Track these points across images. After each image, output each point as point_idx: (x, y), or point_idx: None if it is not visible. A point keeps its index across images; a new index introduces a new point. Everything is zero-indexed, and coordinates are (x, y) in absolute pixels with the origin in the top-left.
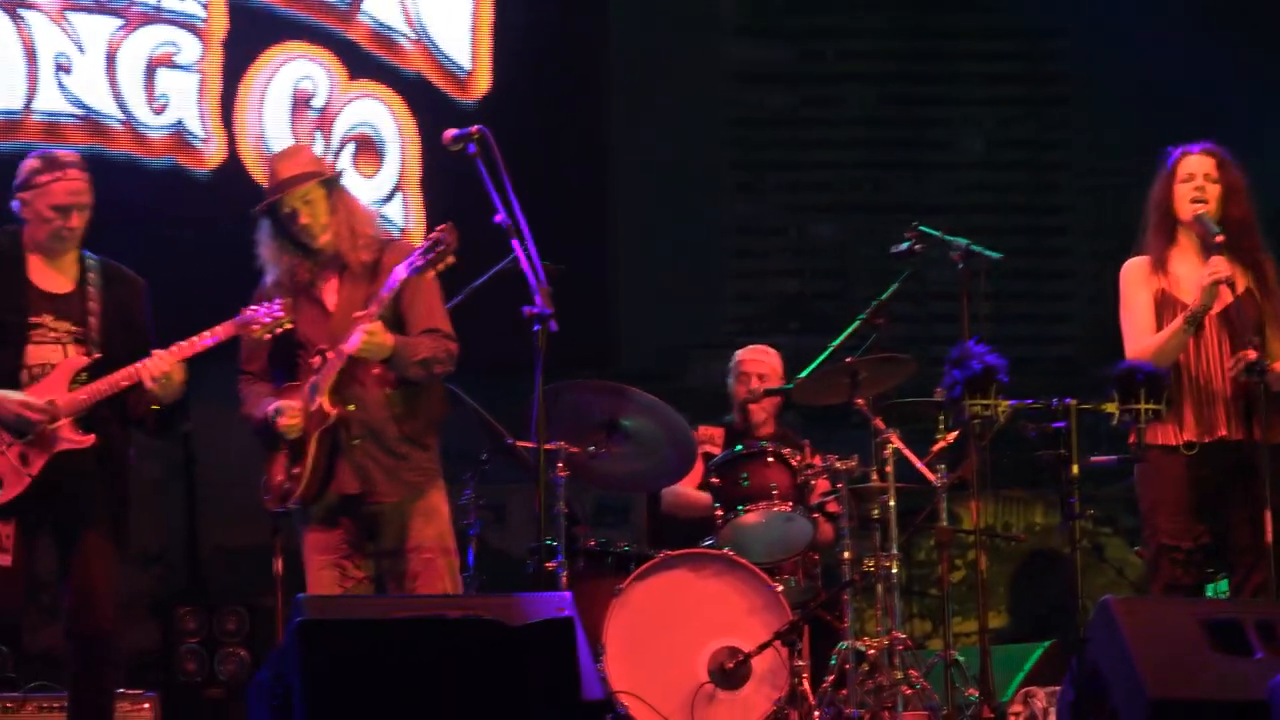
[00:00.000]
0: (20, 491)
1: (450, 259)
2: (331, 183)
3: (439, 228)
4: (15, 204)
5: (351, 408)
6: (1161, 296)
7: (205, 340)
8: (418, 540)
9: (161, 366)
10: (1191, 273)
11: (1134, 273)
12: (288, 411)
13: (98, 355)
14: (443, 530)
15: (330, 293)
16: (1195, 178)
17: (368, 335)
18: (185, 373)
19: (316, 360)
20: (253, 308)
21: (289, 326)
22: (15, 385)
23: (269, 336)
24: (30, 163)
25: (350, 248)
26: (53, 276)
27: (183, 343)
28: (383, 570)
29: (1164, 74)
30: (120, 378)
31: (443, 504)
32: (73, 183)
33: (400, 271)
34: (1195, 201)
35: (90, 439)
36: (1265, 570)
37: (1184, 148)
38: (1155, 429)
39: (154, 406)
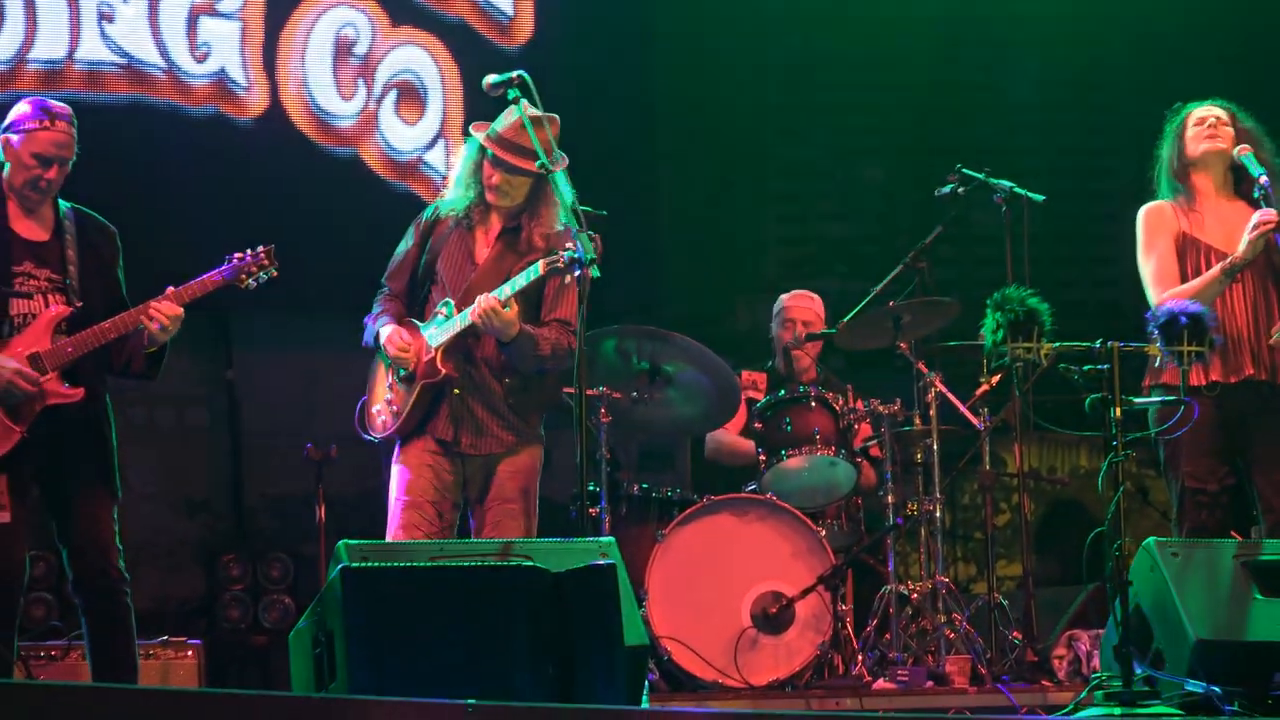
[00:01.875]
0: (11, 447)
1: (591, 271)
2: (544, 179)
3: (593, 237)
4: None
5: (458, 391)
6: (1183, 239)
7: (200, 286)
8: (502, 492)
9: (175, 309)
10: (1214, 215)
11: (1154, 217)
12: (404, 343)
13: (79, 304)
14: (528, 486)
15: (484, 245)
16: (1207, 120)
17: (491, 312)
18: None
19: (443, 312)
20: (239, 255)
21: (275, 275)
22: None
23: (255, 285)
24: (22, 107)
25: (528, 226)
26: (31, 225)
27: (180, 288)
28: (469, 515)
29: (1214, 17)
30: (109, 328)
31: (535, 461)
32: (59, 135)
33: (539, 268)
34: (1208, 139)
35: (79, 392)
36: None
37: (1192, 104)
38: (1176, 371)
39: (149, 350)
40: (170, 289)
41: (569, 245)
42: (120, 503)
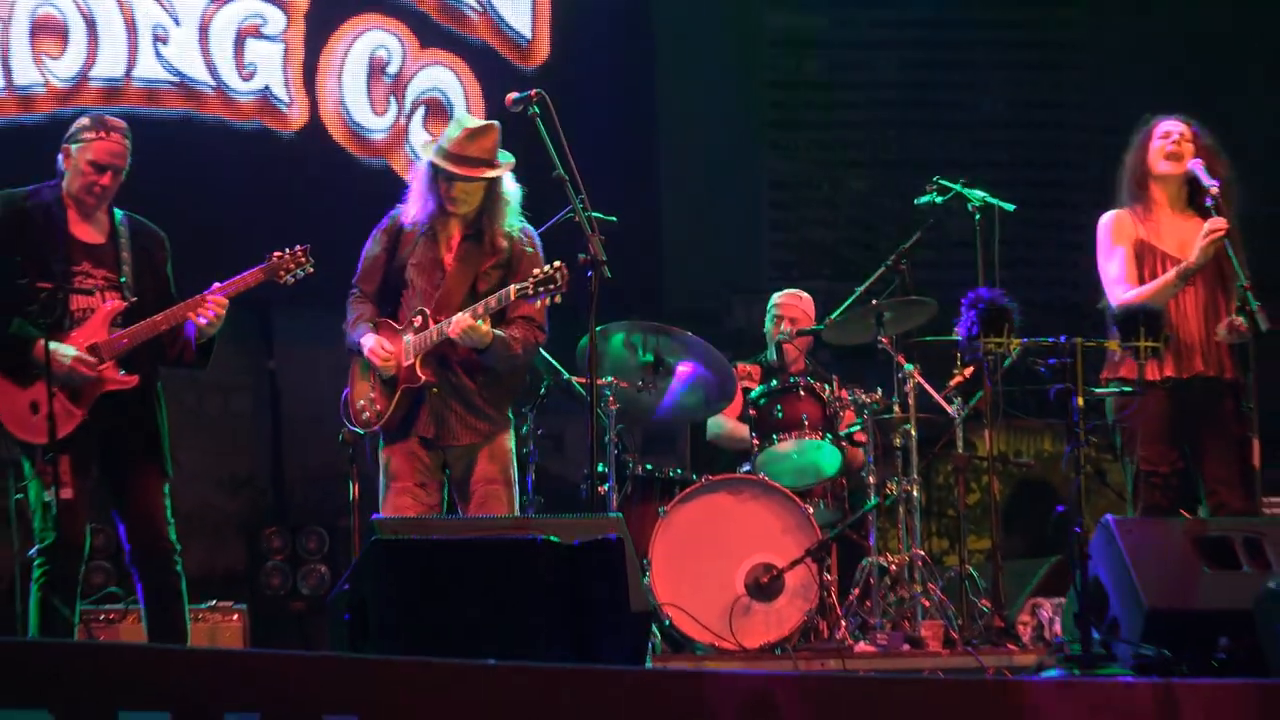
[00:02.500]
0: (72, 430)
1: (558, 299)
2: (498, 181)
3: (555, 266)
4: (60, 155)
5: (435, 390)
6: (1140, 246)
7: (242, 282)
8: (484, 473)
9: (221, 302)
10: (1170, 224)
11: (1114, 224)
12: (384, 350)
13: (133, 300)
14: (506, 465)
15: (451, 249)
16: (1171, 135)
17: (470, 330)
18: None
19: (419, 320)
20: (278, 253)
21: (311, 272)
22: (60, 328)
23: (293, 280)
24: (82, 120)
25: (489, 228)
26: (89, 229)
27: (225, 284)
28: (453, 497)
29: (1166, 41)
30: (161, 320)
31: (508, 443)
32: (114, 145)
33: (509, 293)
34: (1170, 156)
35: (134, 379)
36: (1238, 500)
37: (1161, 116)
38: (1133, 365)
39: (200, 342)
40: (216, 285)
41: (536, 272)
42: (171, 480)
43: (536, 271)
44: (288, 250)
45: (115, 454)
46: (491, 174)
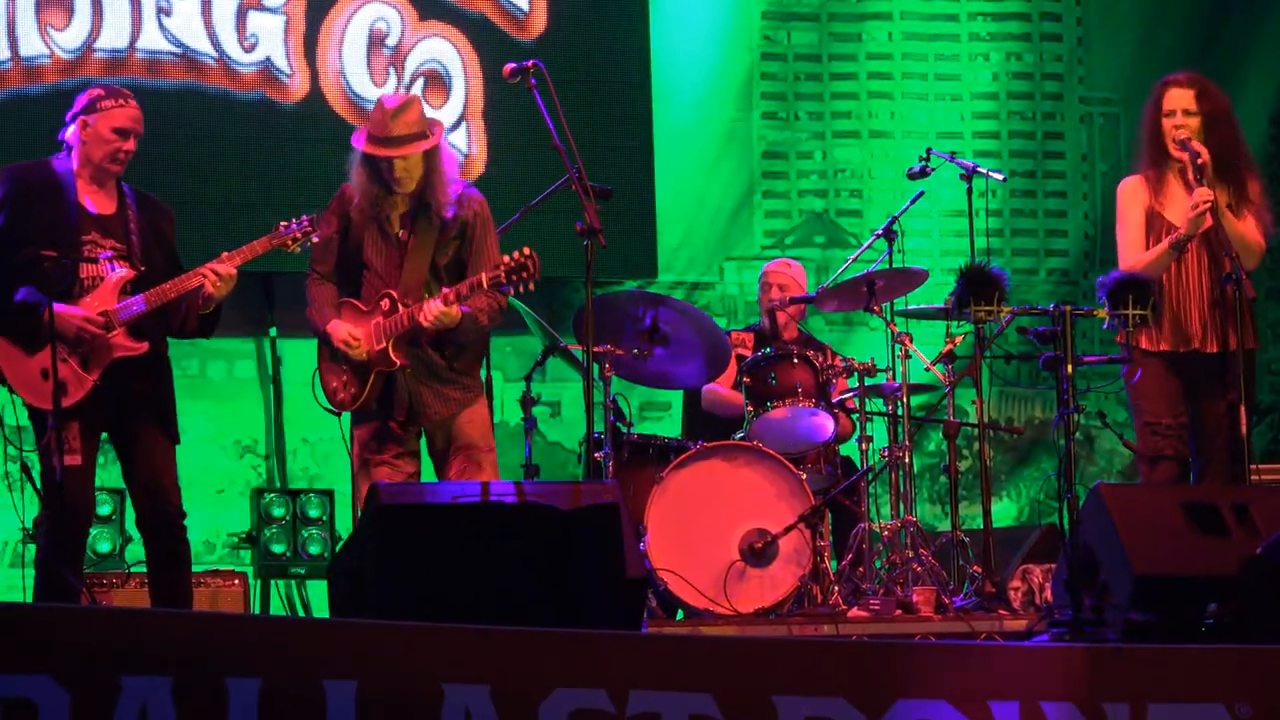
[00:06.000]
0: (82, 396)
1: (532, 286)
2: (433, 149)
3: (525, 253)
4: (73, 128)
5: (409, 371)
6: (1150, 213)
7: (249, 250)
8: (463, 441)
9: (229, 269)
10: (1179, 194)
11: (1128, 190)
12: (353, 339)
13: (142, 268)
14: (485, 431)
15: (404, 230)
16: (1176, 114)
17: (442, 315)
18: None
19: (386, 303)
20: (284, 223)
21: (315, 241)
22: (70, 296)
23: (300, 250)
24: (94, 90)
25: (435, 201)
26: (99, 199)
27: (232, 253)
28: (435, 467)
29: (1151, 12)
30: (169, 288)
31: (484, 409)
32: (133, 110)
33: (481, 280)
34: (1178, 128)
35: (144, 346)
36: (1226, 462)
37: (1167, 78)
38: (1140, 334)
39: (204, 311)
40: (224, 253)
41: (506, 259)
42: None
43: (506, 259)
44: (294, 220)
45: (124, 420)
46: (426, 145)
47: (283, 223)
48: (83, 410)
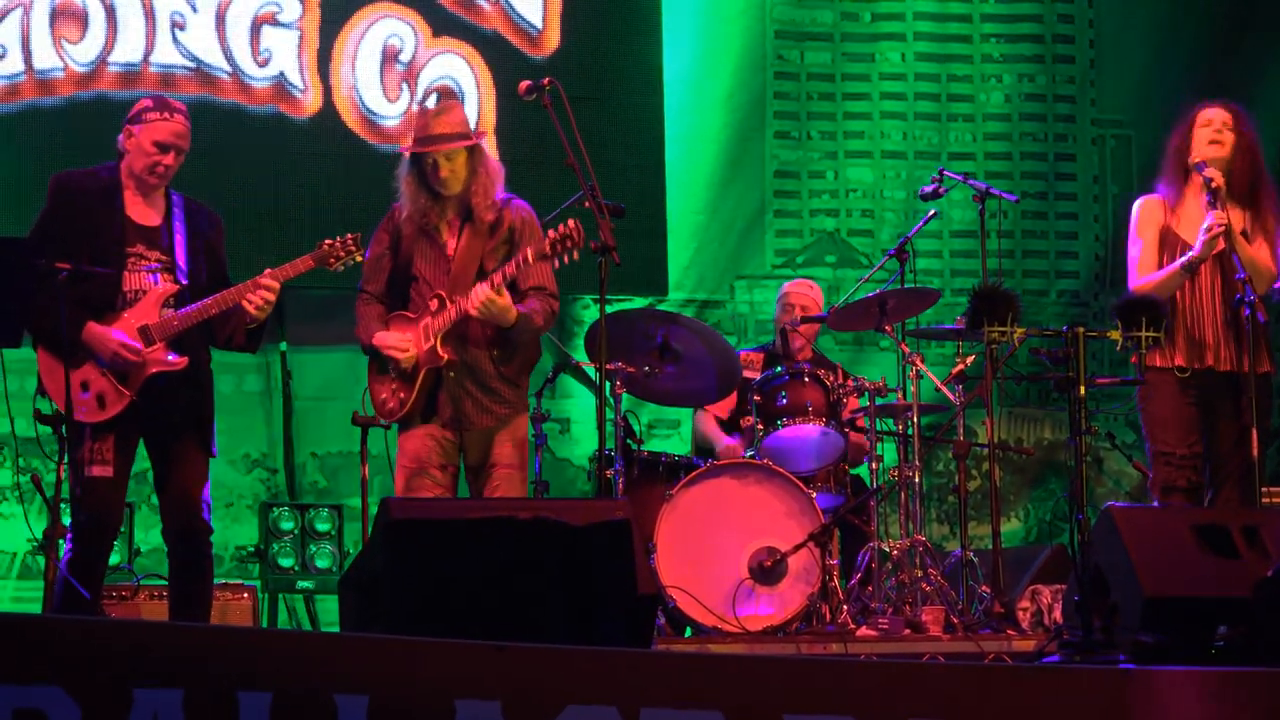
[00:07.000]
0: (121, 409)
1: (575, 255)
2: (475, 147)
3: (571, 225)
4: (120, 136)
5: (453, 375)
6: (1165, 233)
7: (293, 268)
8: (499, 458)
9: (275, 288)
10: (1197, 215)
11: (1145, 209)
12: (402, 344)
13: (184, 283)
14: (522, 449)
15: (452, 238)
16: (1214, 124)
17: (489, 302)
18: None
19: (435, 303)
20: (329, 241)
21: (360, 259)
22: (113, 308)
23: (343, 268)
24: (144, 101)
25: (480, 204)
26: (144, 210)
27: (276, 270)
28: (468, 481)
29: (1163, 36)
30: (211, 305)
31: (523, 428)
32: (178, 125)
33: (527, 256)
34: (1212, 143)
35: (184, 361)
36: (1239, 485)
37: (1207, 102)
38: (1154, 353)
39: (250, 325)
40: (268, 270)
41: (551, 233)
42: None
43: (551, 233)
44: (338, 238)
45: (162, 431)
46: (468, 143)
47: (327, 240)
48: (120, 423)
